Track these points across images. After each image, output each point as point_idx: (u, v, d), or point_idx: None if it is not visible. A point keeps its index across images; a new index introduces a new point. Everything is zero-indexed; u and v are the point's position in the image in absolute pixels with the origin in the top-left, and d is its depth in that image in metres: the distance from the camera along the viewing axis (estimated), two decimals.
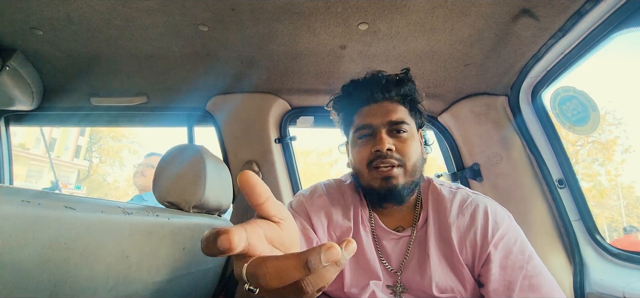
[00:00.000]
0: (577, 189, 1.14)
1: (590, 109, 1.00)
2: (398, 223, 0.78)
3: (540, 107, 1.16)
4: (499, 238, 0.70)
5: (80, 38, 1.14)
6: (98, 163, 19.18)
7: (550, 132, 1.16)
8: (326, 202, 0.81)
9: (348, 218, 0.78)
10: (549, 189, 1.19)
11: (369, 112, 0.78)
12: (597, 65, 19.09)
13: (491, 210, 0.74)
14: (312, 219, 0.77)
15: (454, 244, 0.70)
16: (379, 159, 0.73)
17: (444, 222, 0.73)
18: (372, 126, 0.76)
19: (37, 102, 1.48)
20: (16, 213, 0.45)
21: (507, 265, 0.67)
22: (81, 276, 0.57)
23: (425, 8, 0.93)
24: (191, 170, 0.98)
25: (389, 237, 0.76)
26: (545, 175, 1.18)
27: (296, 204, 0.83)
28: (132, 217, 0.67)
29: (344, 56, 1.18)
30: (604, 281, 1.02)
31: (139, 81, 1.41)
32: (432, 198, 0.78)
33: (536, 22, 0.92)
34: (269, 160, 1.50)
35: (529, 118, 1.19)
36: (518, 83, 1.18)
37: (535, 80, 1.13)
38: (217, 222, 1.08)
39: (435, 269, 0.70)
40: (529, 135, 1.22)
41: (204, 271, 1.05)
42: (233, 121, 1.50)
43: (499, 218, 0.73)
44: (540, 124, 1.18)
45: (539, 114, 1.17)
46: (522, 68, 1.12)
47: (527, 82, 1.14)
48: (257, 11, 0.98)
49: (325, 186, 0.86)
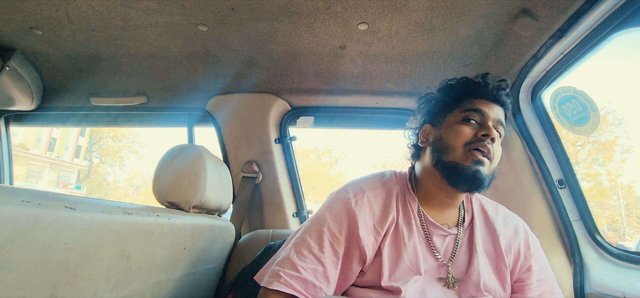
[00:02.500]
0: (577, 189, 1.14)
1: (590, 108, 1.00)
2: (445, 220, 0.82)
3: (540, 107, 1.16)
4: (537, 254, 0.82)
5: (79, 38, 1.14)
6: (98, 164, 19.19)
7: (550, 132, 1.16)
8: (369, 200, 0.80)
9: (393, 212, 0.79)
10: (549, 189, 1.19)
11: (485, 104, 0.81)
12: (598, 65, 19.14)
13: (528, 228, 0.87)
14: (358, 221, 0.76)
15: (502, 249, 0.79)
16: (480, 143, 0.75)
17: (492, 228, 0.82)
18: (485, 114, 0.79)
19: (37, 102, 1.48)
20: (16, 213, 0.45)
21: (541, 278, 0.81)
22: (81, 276, 0.57)
23: (425, 8, 0.93)
24: (191, 170, 0.98)
25: (439, 232, 0.79)
26: (545, 175, 1.18)
27: (336, 205, 0.80)
28: (132, 217, 0.67)
29: (344, 56, 1.18)
30: (605, 281, 1.02)
31: (139, 81, 1.41)
32: (477, 204, 0.87)
33: (536, 22, 0.92)
34: (269, 160, 1.50)
35: (529, 118, 1.19)
36: (518, 83, 1.18)
37: (535, 80, 1.13)
38: (217, 222, 1.08)
39: (483, 267, 0.76)
40: (529, 135, 1.22)
41: (204, 271, 1.05)
42: (233, 121, 1.50)
43: (533, 236, 0.86)
44: (540, 124, 1.18)
45: (539, 114, 1.17)
46: (522, 68, 1.12)
47: (527, 82, 1.14)
48: (257, 11, 0.98)
49: (367, 183, 0.84)
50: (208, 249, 1.03)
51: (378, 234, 0.76)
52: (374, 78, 1.31)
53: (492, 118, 0.79)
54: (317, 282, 0.70)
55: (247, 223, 1.54)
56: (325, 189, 16.53)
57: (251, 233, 1.36)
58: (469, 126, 0.78)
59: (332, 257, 0.73)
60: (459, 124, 0.79)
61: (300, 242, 0.75)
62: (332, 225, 0.76)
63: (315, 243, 0.74)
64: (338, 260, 0.73)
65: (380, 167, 16.34)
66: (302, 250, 0.73)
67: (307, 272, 0.70)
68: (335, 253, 0.74)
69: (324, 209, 0.80)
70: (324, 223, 0.76)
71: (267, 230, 1.34)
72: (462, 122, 0.79)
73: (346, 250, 0.75)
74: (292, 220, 1.51)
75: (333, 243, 0.74)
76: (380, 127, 1.62)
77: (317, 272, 0.70)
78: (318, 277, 0.70)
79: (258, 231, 1.36)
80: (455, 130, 0.79)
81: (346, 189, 0.82)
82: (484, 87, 0.82)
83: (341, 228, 0.76)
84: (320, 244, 0.73)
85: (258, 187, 1.51)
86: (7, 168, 1.77)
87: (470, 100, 0.82)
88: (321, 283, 0.70)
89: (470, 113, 0.79)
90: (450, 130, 0.80)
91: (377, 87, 1.36)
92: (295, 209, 1.56)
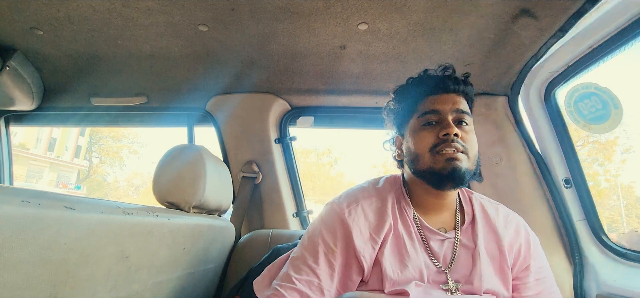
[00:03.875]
0: (585, 189, 1.12)
1: (612, 106, 0.97)
2: (441, 224, 0.81)
3: (553, 105, 1.13)
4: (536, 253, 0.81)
5: (80, 38, 1.15)
6: (98, 164, 19.18)
7: (561, 131, 1.13)
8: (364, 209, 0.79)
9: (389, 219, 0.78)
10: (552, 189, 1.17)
11: (436, 100, 0.79)
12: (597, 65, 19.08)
13: (528, 227, 0.85)
14: (352, 231, 0.75)
15: (505, 250, 0.78)
16: (445, 143, 0.74)
17: (494, 229, 0.80)
18: (440, 112, 0.77)
19: (37, 102, 1.48)
20: (16, 213, 0.45)
21: (540, 278, 0.80)
22: (81, 276, 0.57)
23: (425, 8, 0.93)
24: (191, 170, 0.98)
25: (436, 237, 0.78)
26: (550, 174, 1.17)
27: (330, 217, 0.79)
28: (132, 217, 0.67)
29: (344, 56, 1.18)
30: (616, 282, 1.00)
31: (139, 81, 1.41)
32: (477, 205, 0.85)
33: (536, 22, 0.92)
34: (269, 160, 1.50)
35: (540, 116, 1.16)
36: (518, 83, 1.18)
37: (551, 77, 1.10)
38: (217, 222, 1.08)
39: (485, 269, 0.74)
40: (529, 135, 1.22)
41: (204, 271, 1.05)
42: (233, 121, 1.50)
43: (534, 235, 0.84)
44: (550, 121, 1.15)
45: (551, 111, 1.14)
46: (522, 68, 1.11)
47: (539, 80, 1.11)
48: (257, 11, 0.98)
49: (361, 191, 0.84)
50: (208, 249, 1.03)
51: (375, 243, 0.74)
52: (374, 78, 1.31)
53: (450, 111, 0.77)
54: (312, 294, 0.70)
55: (247, 224, 1.54)
56: (325, 189, 16.51)
57: (251, 233, 1.35)
58: (429, 130, 0.77)
59: (327, 268, 0.73)
60: (419, 130, 0.79)
61: (297, 255, 0.77)
62: (326, 237, 0.76)
63: (310, 255, 0.75)
64: (334, 272, 0.73)
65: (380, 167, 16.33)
66: (298, 263, 0.74)
67: (302, 283, 0.71)
68: (331, 265, 0.74)
69: (319, 221, 0.81)
70: (318, 235, 0.77)
71: (267, 231, 1.34)
72: (422, 128, 0.79)
73: (344, 261, 0.74)
74: (292, 220, 1.51)
75: (328, 255, 0.74)
76: (380, 127, 1.62)
77: (311, 284, 0.71)
78: (312, 289, 0.70)
79: (258, 231, 1.36)
80: (417, 137, 0.79)
81: (340, 199, 0.82)
82: (432, 81, 0.81)
83: (336, 239, 0.75)
84: (315, 256, 0.74)
85: (258, 187, 1.51)
86: (7, 168, 1.77)
87: (424, 100, 0.81)
88: (315, 295, 0.70)
89: (427, 116, 0.78)
90: (414, 138, 0.80)
91: (377, 87, 1.36)
92: (295, 209, 1.56)
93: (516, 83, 1.18)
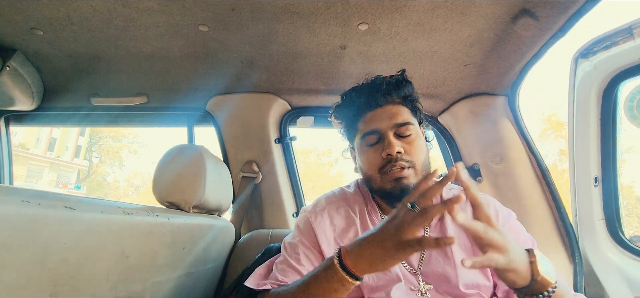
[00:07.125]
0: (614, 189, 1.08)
1: None
2: None
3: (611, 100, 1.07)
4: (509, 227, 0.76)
5: (80, 38, 1.14)
6: (98, 164, 19.20)
7: (609, 127, 1.08)
8: (330, 214, 0.81)
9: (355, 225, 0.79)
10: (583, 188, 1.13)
11: (374, 117, 0.79)
12: None
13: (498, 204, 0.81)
14: (317, 235, 0.78)
15: None
16: (389, 163, 0.74)
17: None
18: (379, 131, 0.77)
19: (37, 102, 1.48)
20: (16, 213, 0.45)
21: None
22: (81, 276, 0.57)
23: (425, 8, 0.93)
24: (191, 170, 0.98)
25: None
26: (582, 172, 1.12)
27: (302, 222, 0.84)
28: (132, 217, 0.67)
29: (344, 56, 1.18)
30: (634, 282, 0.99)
31: (139, 81, 1.41)
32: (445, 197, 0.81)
33: (536, 22, 0.92)
34: (269, 161, 1.50)
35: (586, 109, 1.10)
36: (518, 83, 1.18)
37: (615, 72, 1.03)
38: (217, 222, 1.08)
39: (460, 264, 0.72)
40: (529, 135, 1.22)
41: (204, 271, 1.05)
42: (233, 121, 1.50)
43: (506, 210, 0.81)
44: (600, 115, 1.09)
45: (607, 105, 1.08)
46: (523, 68, 1.11)
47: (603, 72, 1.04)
48: (257, 11, 0.98)
49: (327, 198, 0.87)
50: (208, 249, 1.03)
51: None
52: None
53: (388, 127, 0.76)
54: None
55: (247, 223, 1.54)
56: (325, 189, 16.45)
57: (251, 233, 1.35)
58: (373, 150, 0.77)
59: (310, 266, 0.76)
60: (365, 150, 0.79)
61: (281, 260, 0.80)
62: (303, 239, 0.80)
63: (293, 258, 0.78)
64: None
65: None
66: (283, 266, 0.77)
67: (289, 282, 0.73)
68: (313, 264, 0.76)
69: (295, 227, 0.85)
70: (296, 238, 0.81)
71: (267, 230, 1.34)
72: (366, 148, 0.79)
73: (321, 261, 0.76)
74: (292, 220, 1.51)
75: (308, 255, 0.78)
76: None
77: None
78: None
79: (258, 231, 1.36)
80: (364, 157, 0.79)
81: (310, 206, 0.86)
82: (364, 99, 0.81)
83: (309, 241, 0.79)
84: (297, 258, 0.77)
85: (258, 187, 1.51)
86: (7, 168, 1.77)
87: (362, 117, 0.81)
88: None
89: (367, 138, 0.78)
90: (362, 157, 0.80)
91: None
92: (295, 209, 1.56)
93: (516, 83, 1.18)
